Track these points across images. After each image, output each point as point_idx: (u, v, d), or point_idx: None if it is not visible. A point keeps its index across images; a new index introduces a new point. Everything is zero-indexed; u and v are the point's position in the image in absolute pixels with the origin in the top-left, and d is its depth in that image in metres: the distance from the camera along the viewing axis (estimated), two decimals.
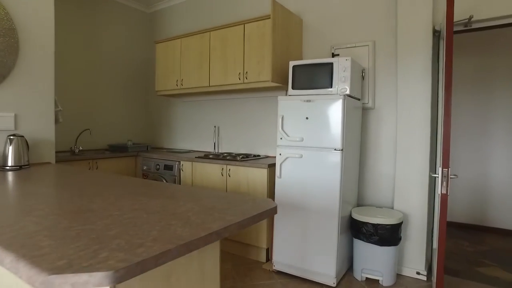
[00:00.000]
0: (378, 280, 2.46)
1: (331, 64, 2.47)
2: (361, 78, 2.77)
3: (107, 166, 3.48)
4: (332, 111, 2.36)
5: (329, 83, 2.48)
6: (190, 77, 3.56)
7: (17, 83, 2.35)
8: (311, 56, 3.18)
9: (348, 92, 2.41)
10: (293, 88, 2.63)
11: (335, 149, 2.36)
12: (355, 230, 2.49)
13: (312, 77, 2.55)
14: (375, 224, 2.37)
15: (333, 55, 2.97)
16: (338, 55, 2.94)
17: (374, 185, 2.84)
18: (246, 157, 3.13)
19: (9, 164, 2.17)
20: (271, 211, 1.23)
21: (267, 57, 2.93)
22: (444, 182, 1.94)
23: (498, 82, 3.78)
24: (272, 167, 2.81)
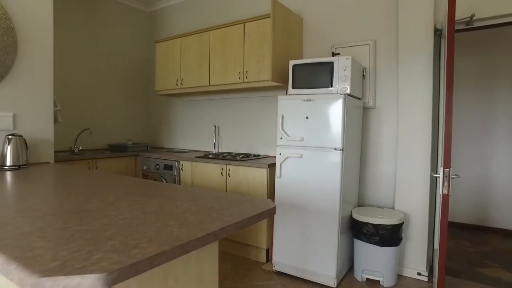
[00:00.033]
0: (379, 281, 2.45)
1: (332, 63, 2.45)
2: (362, 77, 2.76)
3: (107, 166, 3.47)
4: (333, 111, 2.35)
5: (330, 83, 2.46)
6: (190, 77, 3.55)
7: (16, 83, 2.34)
8: (312, 55, 3.16)
9: (349, 92, 2.39)
10: (293, 88, 2.62)
11: (336, 149, 2.34)
12: (356, 231, 2.48)
13: (312, 76, 2.53)
14: (376, 225, 2.35)
15: (334, 54, 2.96)
16: (339, 54, 2.92)
17: (375, 185, 2.83)
18: (246, 157, 3.11)
19: (8, 164, 2.16)
20: (270, 212, 1.21)
21: (267, 56, 2.92)
22: (446, 182, 1.92)
23: (500, 81, 3.76)
24: (272, 167, 2.79)
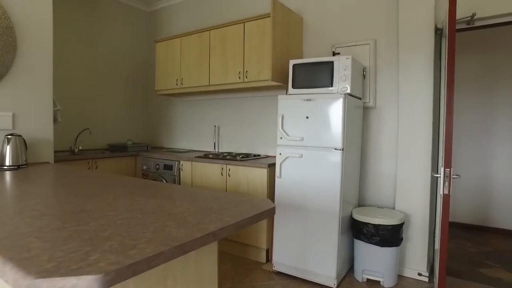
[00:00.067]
0: (379, 281, 2.44)
1: (332, 63, 2.44)
2: (362, 77, 2.75)
3: (107, 166, 3.46)
4: (333, 110, 2.34)
5: (330, 82, 2.45)
6: (190, 76, 3.54)
7: (15, 82, 2.33)
8: (312, 55, 3.15)
9: (349, 91, 2.38)
10: (293, 87, 2.61)
11: (336, 149, 2.33)
12: (356, 231, 2.47)
13: (313, 76, 2.52)
14: (376, 225, 2.34)
15: (334, 54, 2.95)
16: (339, 54, 2.91)
17: (375, 185, 2.82)
18: (246, 157, 3.11)
19: (7, 164, 2.15)
20: (270, 212, 1.20)
21: (267, 56, 2.91)
22: (446, 183, 1.91)
23: (500, 81, 3.74)
24: (272, 167, 2.78)
